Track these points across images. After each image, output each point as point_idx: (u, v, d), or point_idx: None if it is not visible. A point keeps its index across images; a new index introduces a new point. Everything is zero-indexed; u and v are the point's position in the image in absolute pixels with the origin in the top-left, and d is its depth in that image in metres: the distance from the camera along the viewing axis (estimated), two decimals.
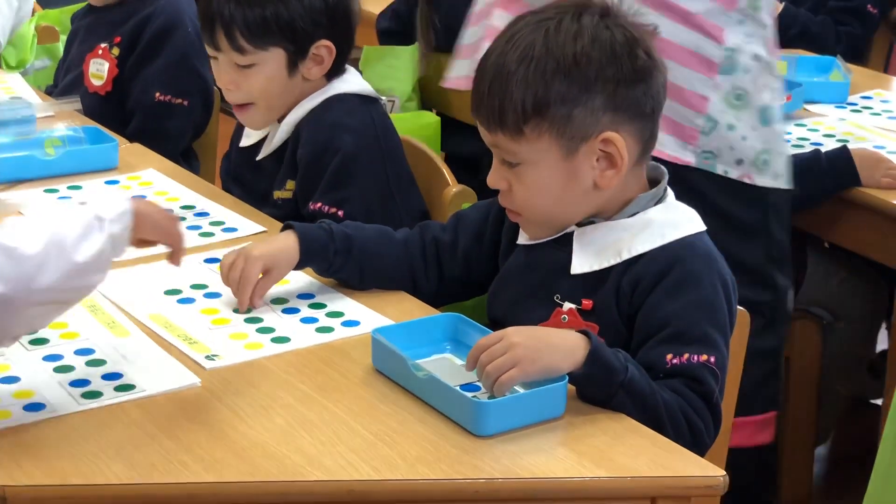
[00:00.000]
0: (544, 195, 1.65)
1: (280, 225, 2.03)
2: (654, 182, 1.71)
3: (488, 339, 1.53)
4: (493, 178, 1.68)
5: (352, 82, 2.18)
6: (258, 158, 2.19)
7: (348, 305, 1.79)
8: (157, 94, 2.68)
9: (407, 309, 1.78)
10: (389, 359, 1.58)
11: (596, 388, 1.52)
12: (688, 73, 2.11)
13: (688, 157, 2.11)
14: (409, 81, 2.96)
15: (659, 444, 1.47)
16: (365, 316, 1.76)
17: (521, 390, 1.53)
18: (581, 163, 1.63)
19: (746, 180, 2.15)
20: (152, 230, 1.57)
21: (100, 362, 1.61)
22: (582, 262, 1.67)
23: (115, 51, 2.72)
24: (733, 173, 2.14)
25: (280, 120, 2.18)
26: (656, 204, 1.68)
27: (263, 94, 2.12)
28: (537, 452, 1.44)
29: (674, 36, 2.11)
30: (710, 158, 2.13)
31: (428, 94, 2.99)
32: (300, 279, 1.86)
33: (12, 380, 1.55)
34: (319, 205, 2.07)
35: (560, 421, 1.50)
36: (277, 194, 2.16)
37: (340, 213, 2.06)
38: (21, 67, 3.00)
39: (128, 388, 1.56)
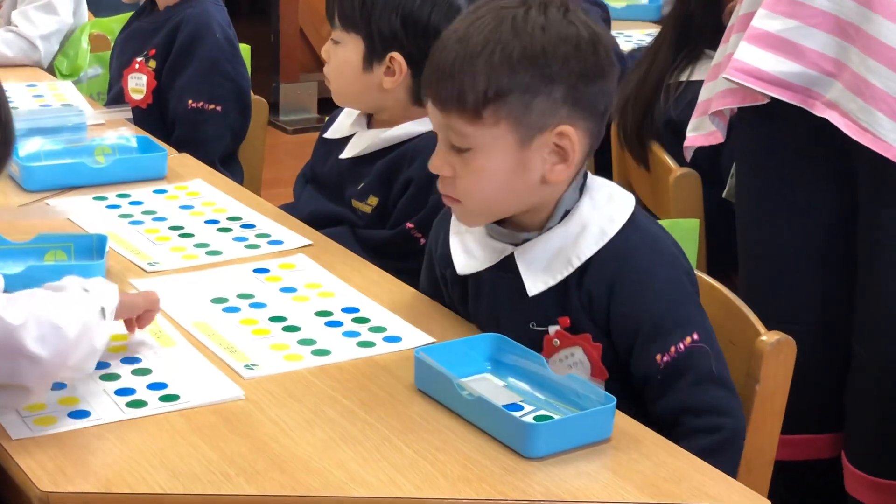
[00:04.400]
0: (490, 182, 1.63)
1: (326, 240, 2.07)
2: None
3: None
4: (438, 163, 1.65)
5: None
6: (341, 157, 2.24)
7: (392, 321, 1.79)
8: (191, 102, 2.71)
9: (449, 326, 1.78)
10: (434, 378, 1.58)
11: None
12: None
13: None
14: None
15: (703, 472, 1.46)
16: (407, 332, 1.76)
17: (571, 413, 1.52)
18: (533, 154, 1.61)
19: None
20: (128, 312, 1.67)
21: (145, 371, 1.62)
22: (536, 282, 1.65)
23: (152, 63, 2.74)
24: None
25: (368, 124, 2.23)
26: (581, 195, 1.67)
27: (338, 75, 2.21)
28: (581, 475, 1.44)
29: None
30: None
31: None
32: (347, 293, 1.86)
33: (58, 386, 1.56)
34: (412, 226, 2.13)
35: (604, 444, 1.49)
36: (357, 204, 2.20)
37: (423, 240, 2.11)
38: (75, 76, 3.03)
39: (172, 398, 1.56)
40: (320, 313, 1.81)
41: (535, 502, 1.40)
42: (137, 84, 2.75)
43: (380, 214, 2.19)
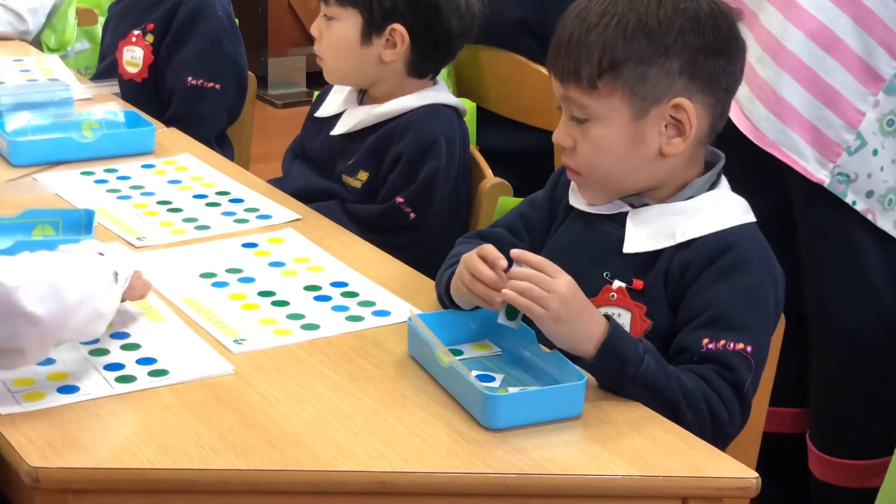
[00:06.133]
0: (608, 154, 1.64)
1: (314, 213, 2.06)
2: (709, 165, 1.70)
3: (544, 266, 1.52)
4: (559, 134, 1.68)
5: (447, 93, 2.24)
6: (332, 133, 2.24)
7: (381, 295, 1.79)
8: (190, 79, 2.69)
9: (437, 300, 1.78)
10: (420, 345, 1.59)
11: (607, 378, 1.54)
12: (849, 81, 2.01)
13: (822, 177, 2.03)
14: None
15: (692, 444, 1.46)
16: (396, 306, 1.75)
17: (535, 387, 1.53)
18: (649, 126, 1.63)
19: (869, 217, 2.06)
20: (131, 294, 1.68)
21: (134, 347, 1.62)
22: (635, 242, 1.66)
23: (149, 38, 2.73)
24: (860, 205, 2.05)
25: (360, 101, 2.23)
26: (709, 189, 1.68)
27: (333, 51, 2.20)
28: (570, 449, 1.44)
29: (846, 34, 2.00)
30: (844, 182, 2.04)
31: (463, 85, 2.99)
32: (335, 267, 1.86)
33: (47, 361, 1.56)
34: (402, 200, 2.13)
35: (593, 418, 1.50)
36: (347, 179, 2.20)
37: (413, 215, 2.12)
38: (62, 50, 3.01)
39: (161, 373, 1.56)
40: (309, 288, 1.80)
41: (524, 475, 1.40)
42: (133, 57, 2.73)
43: (370, 189, 2.18)
